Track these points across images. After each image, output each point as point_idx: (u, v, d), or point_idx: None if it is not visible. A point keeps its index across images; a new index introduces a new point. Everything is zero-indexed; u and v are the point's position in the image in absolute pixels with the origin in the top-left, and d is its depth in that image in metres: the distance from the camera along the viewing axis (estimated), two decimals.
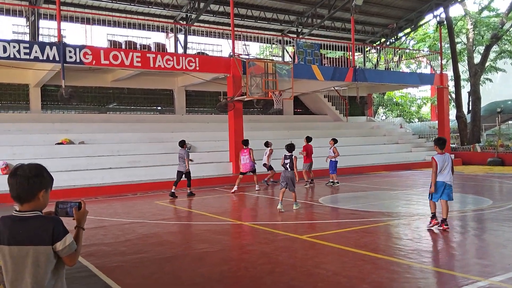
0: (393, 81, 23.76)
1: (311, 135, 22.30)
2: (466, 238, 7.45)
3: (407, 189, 13.50)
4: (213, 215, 10.37)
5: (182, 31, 21.62)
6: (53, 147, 16.02)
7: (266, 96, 17.04)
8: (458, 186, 15.07)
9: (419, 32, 32.84)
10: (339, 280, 5.24)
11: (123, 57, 15.60)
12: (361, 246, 6.78)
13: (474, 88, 26.71)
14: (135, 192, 14.63)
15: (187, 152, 13.32)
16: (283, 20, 24.44)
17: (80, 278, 5.64)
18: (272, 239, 7.52)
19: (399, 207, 10.96)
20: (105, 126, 18.56)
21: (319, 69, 20.25)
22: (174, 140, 18.64)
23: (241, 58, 18.13)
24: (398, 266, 5.73)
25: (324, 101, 26.41)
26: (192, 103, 22.83)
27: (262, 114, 23.43)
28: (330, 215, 9.81)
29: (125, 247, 7.23)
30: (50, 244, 2.42)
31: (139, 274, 5.80)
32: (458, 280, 5.11)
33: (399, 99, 39.67)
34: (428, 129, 31.56)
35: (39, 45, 14.37)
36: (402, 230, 8.19)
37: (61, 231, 2.44)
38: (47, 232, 2.41)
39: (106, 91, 20.57)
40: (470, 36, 27.05)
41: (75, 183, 14.66)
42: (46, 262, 2.42)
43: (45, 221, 2.46)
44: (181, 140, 13.72)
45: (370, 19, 26.31)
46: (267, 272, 5.64)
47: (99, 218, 9.92)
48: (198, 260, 6.38)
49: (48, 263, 2.43)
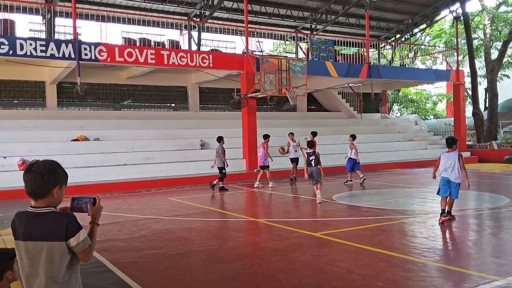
0: (408, 78, 23.51)
1: (325, 132, 22.18)
2: (482, 237, 7.35)
3: (422, 187, 13.36)
4: (227, 211, 10.40)
5: (196, 28, 21.67)
6: (68, 144, 16.21)
7: (279, 93, 17.00)
8: (474, 184, 14.87)
9: (435, 28, 32.42)
10: (353, 278, 5.20)
11: (138, 54, 15.69)
12: (375, 244, 6.73)
13: (491, 85, 26.31)
14: (149, 189, 14.73)
15: (221, 147, 13.72)
16: (297, 17, 24.34)
17: (95, 273, 5.70)
18: (286, 236, 7.51)
19: (414, 205, 10.86)
20: (120, 123, 18.71)
21: (333, 66, 20.13)
22: (188, 137, 18.75)
23: (255, 55, 18.11)
24: (413, 265, 5.67)
25: (338, 98, 26.26)
26: (206, 100, 22.89)
27: (275, 111, 23.39)
28: (344, 212, 9.76)
29: (139, 243, 7.28)
30: (64, 240, 2.43)
31: (153, 269, 5.84)
32: (474, 279, 5.04)
33: (414, 96, 39.23)
34: (444, 126, 31.19)
35: (55, 43, 14.52)
36: (417, 228, 8.11)
37: (74, 227, 2.46)
38: (61, 228, 2.43)
39: (121, 88, 20.73)
40: (487, 32, 26.63)
41: (90, 179, 14.81)
42: (60, 257, 2.44)
43: (59, 217, 2.48)
44: (219, 136, 14.13)
45: (385, 15, 26.06)
46: (281, 269, 5.63)
47: (114, 214, 10.00)
48: (212, 257, 6.40)
49: (62, 259, 2.45)
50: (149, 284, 5.22)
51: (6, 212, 10.49)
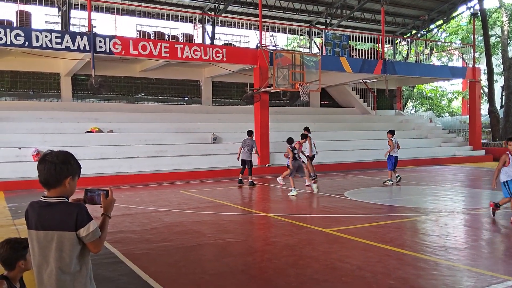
0: (423, 74, 23.25)
1: (338, 128, 22.07)
2: (495, 236, 7.26)
3: (435, 185, 13.23)
4: (238, 205, 10.41)
5: (210, 21, 21.67)
6: (83, 135, 16.36)
7: (292, 88, 16.93)
8: (488, 183, 14.68)
9: (452, 24, 32.01)
10: (363, 274, 5.18)
11: (152, 47, 15.75)
12: (386, 241, 6.69)
13: (507, 83, 25.90)
14: (161, 181, 14.82)
15: (253, 141, 13.77)
16: (311, 11, 24.19)
17: (106, 264, 5.75)
18: (296, 232, 7.49)
19: (427, 202, 10.76)
20: (133, 116, 18.83)
21: (347, 61, 19.98)
22: (200, 130, 18.81)
23: (268, 49, 18.05)
24: (425, 263, 5.62)
25: (352, 93, 26.09)
26: (219, 94, 22.91)
27: (288, 106, 23.32)
28: (356, 209, 9.71)
29: (151, 235, 7.33)
30: (73, 230, 2.45)
31: (164, 262, 5.87)
32: (486, 278, 4.98)
33: (429, 93, 38.82)
34: (459, 124, 30.83)
35: (70, 35, 14.63)
36: (430, 226, 8.04)
37: (84, 217, 2.47)
38: (71, 218, 2.45)
39: (135, 81, 20.84)
40: (505, 29, 26.21)
41: (103, 171, 14.95)
42: (70, 247, 2.46)
43: (69, 207, 2.50)
44: (249, 130, 14.18)
45: (400, 10, 25.77)
46: (291, 264, 5.63)
47: (126, 206, 10.08)
48: (223, 250, 6.42)
49: (73, 249, 2.46)
50: (159, 276, 5.25)
51: (21, 202, 10.64)
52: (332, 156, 19.45)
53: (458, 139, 25.48)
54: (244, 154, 13.68)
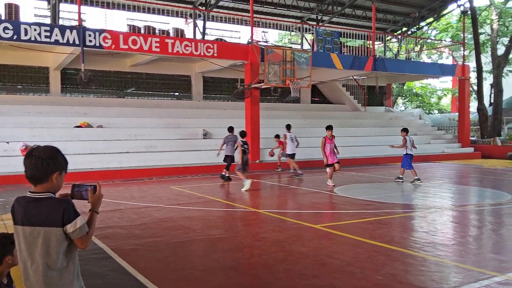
0: (413, 72, 23.37)
1: (329, 124, 22.23)
2: (483, 233, 7.34)
3: (424, 181, 13.33)
4: (228, 201, 10.41)
5: (201, 16, 21.54)
6: (71, 130, 16.23)
7: (283, 84, 16.93)
8: (476, 179, 14.85)
9: (442, 22, 32.15)
10: (352, 270, 5.21)
11: (142, 42, 15.64)
12: (375, 237, 6.73)
13: (496, 81, 26.14)
14: (151, 177, 14.76)
15: (235, 136, 13.66)
16: (303, 7, 24.16)
17: (95, 259, 5.72)
18: (286, 228, 7.52)
19: (416, 199, 10.85)
20: (123, 111, 18.71)
21: (338, 58, 20.02)
22: (190, 126, 18.74)
23: (260, 45, 18.02)
24: (413, 259, 5.67)
25: (342, 90, 26.16)
26: (209, 90, 22.84)
27: (279, 102, 23.31)
28: (345, 205, 9.76)
29: (140, 231, 7.31)
30: (60, 226, 2.42)
31: (154, 257, 5.86)
32: (473, 274, 5.04)
33: (419, 90, 39.05)
34: (448, 121, 31.07)
35: (59, 29, 14.47)
36: (418, 222, 8.11)
37: (71, 213, 2.44)
38: (58, 213, 2.42)
39: (125, 76, 20.70)
40: (495, 27, 26.40)
41: (92, 166, 14.85)
42: (57, 243, 2.43)
43: (56, 202, 2.47)
44: (230, 126, 14.01)
45: (391, 7, 25.84)
46: (280, 260, 5.64)
47: (115, 201, 10.03)
48: (212, 246, 6.42)
49: (59, 245, 2.44)
50: (149, 271, 5.24)
51: (9, 197, 10.54)
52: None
53: (447, 136, 25.69)
54: (228, 149, 13.66)
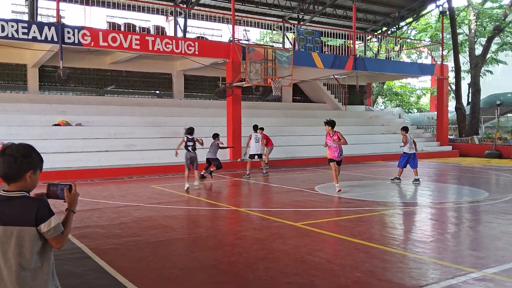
0: (393, 71, 23.64)
1: (310, 123, 22.35)
2: (460, 230, 7.46)
3: (403, 180, 13.49)
4: (209, 200, 10.37)
5: (182, 14, 21.40)
6: (50, 128, 15.96)
7: (265, 83, 16.94)
8: (455, 177, 15.11)
9: (421, 22, 32.60)
10: (332, 268, 5.24)
11: (122, 39, 15.46)
12: (355, 234, 6.79)
13: (474, 80, 26.62)
14: (131, 176, 14.61)
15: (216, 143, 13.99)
16: (284, 6, 24.21)
17: (73, 259, 5.63)
18: (267, 226, 7.52)
19: (395, 197, 10.99)
20: (103, 109, 18.48)
21: (319, 57, 20.13)
22: (171, 124, 18.61)
23: (241, 43, 17.99)
24: (392, 256, 5.73)
25: (324, 89, 26.30)
26: (191, 88, 22.71)
27: (260, 101, 23.33)
28: (326, 203, 9.82)
29: (119, 230, 7.22)
30: (34, 225, 2.37)
31: (133, 257, 5.80)
32: (451, 270, 5.11)
33: (399, 89, 39.54)
34: (427, 120, 31.51)
35: (37, 25, 14.23)
36: (397, 220, 8.20)
37: (45, 212, 2.39)
38: (31, 212, 2.37)
39: (104, 74, 20.44)
40: (472, 27, 26.86)
41: (71, 165, 14.63)
42: (30, 243, 2.38)
43: (30, 201, 2.42)
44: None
45: (372, 7, 26.09)
46: (261, 258, 5.65)
47: (94, 201, 9.90)
48: (192, 245, 6.38)
49: (33, 245, 2.39)
50: (128, 271, 5.18)
51: None
52: (303, 150, 19.60)
53: (426, 134, 26.06)
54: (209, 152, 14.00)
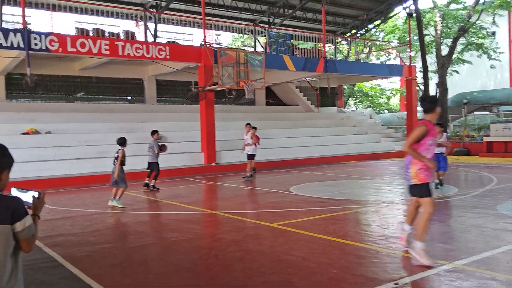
0: (363, 72, 24.02)
1: (283, 126, 22.49)
2: (432, 224, 7.60)
3: (376, 178, 13.73)
4: (184, 204, 10.31)
5: (152, 19, 21.23)
6: (18, 137, 15.56)
7: (237, 86, 16.96)
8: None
9: (389, 24, 33.22)
10: (308, 265, 5.29)
11: (91, 44, 15.24)
12: (330, 233, 6.87)
13: (441, 80, 27.27)
14: (104, 183, 14.36)
15: (156, 142, 12.79)
16: (254, 10, 24.31)
17: (45, 268, 5.51)
18: (243, 227, 7.53)
19: (368, 195, 11.15)
20: (73, 116, 18.14)
21: (290, 60, 20.28)
22: (144, 130, 18.38)
23: (213, 47, 17.97)
24: (366, 252, 5.82)
25: (296, 92, 26.51)
26: (163, 93, 22.54)
27: (234, 104, 23.33)
28: (301, 203, 9.89)
29: (93, 237, 7.11)
30: (9, 223, 2.34)
31: (108, 263, 5.71)
32: (423, 264, 5.23)
33: (369, 91, 40.20)
34: (397, 120, 32.12)
35: (2, 32, 13.88)
36: (371, 217, 8.33)
37: (21, 211, 2.38)
38: (8, 211, 2.34)
39: (74, 80, 20.09)
40: (438, 28, 27.54)
41: (41, 174, 14.28)
42: (5, 242, 2.33)
43: (5, 199, 2.39)
44: (153, 130, 13.16)
45: (341, 10, 26.47)
46: (237, 260, 5.65)
47: (66, 209, 9.71)
48: (168, 249, 6.34)
49: (7, 244, 2.34)
50: (102, 278, 5.10)
51: None
52: (277, 153, 19.70)
53: (396, 134, 26.56)
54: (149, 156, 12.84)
